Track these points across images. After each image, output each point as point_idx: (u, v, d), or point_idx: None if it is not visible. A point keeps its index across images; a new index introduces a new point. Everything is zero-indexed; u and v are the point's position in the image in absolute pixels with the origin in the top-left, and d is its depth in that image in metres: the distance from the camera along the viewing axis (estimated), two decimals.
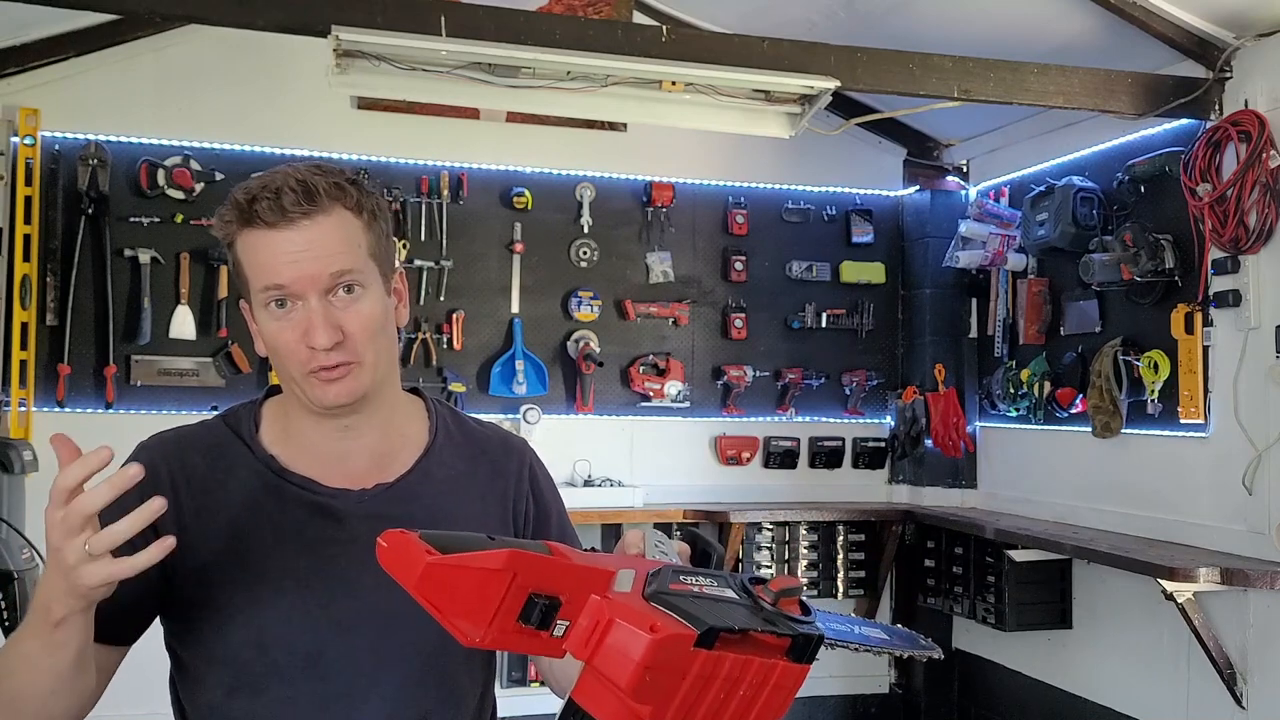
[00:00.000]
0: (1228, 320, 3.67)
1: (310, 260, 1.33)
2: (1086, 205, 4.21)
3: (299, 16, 3.08)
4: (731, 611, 1.01)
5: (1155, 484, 4.00)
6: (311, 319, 1.33)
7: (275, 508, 1.39)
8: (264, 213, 1.32)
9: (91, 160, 4.30)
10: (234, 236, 1.37)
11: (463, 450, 1.53)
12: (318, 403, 1.37)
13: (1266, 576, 3.36)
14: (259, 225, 1.33)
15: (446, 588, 1.00)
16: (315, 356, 1.34)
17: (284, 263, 1.33)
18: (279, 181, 1.34)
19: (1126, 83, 3.71)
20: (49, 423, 4.23)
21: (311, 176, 1.35)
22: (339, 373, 1.35)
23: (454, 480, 1.49)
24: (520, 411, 4.65)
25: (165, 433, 1.46)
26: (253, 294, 1.37)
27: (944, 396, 5.02)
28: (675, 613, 0.98)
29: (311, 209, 1.34)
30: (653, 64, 3.34)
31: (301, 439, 1.44)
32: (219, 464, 1.41)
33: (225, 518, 1.38)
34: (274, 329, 1.35)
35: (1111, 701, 4.19)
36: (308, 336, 1.33)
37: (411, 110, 4.57)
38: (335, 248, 1.34)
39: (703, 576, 1.06)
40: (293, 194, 1.33)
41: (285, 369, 1.37)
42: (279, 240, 1.33)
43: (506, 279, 4.79)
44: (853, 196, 5.25)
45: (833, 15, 4.16)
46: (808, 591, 4.88)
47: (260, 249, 1.34)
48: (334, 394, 1.36)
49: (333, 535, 1.39)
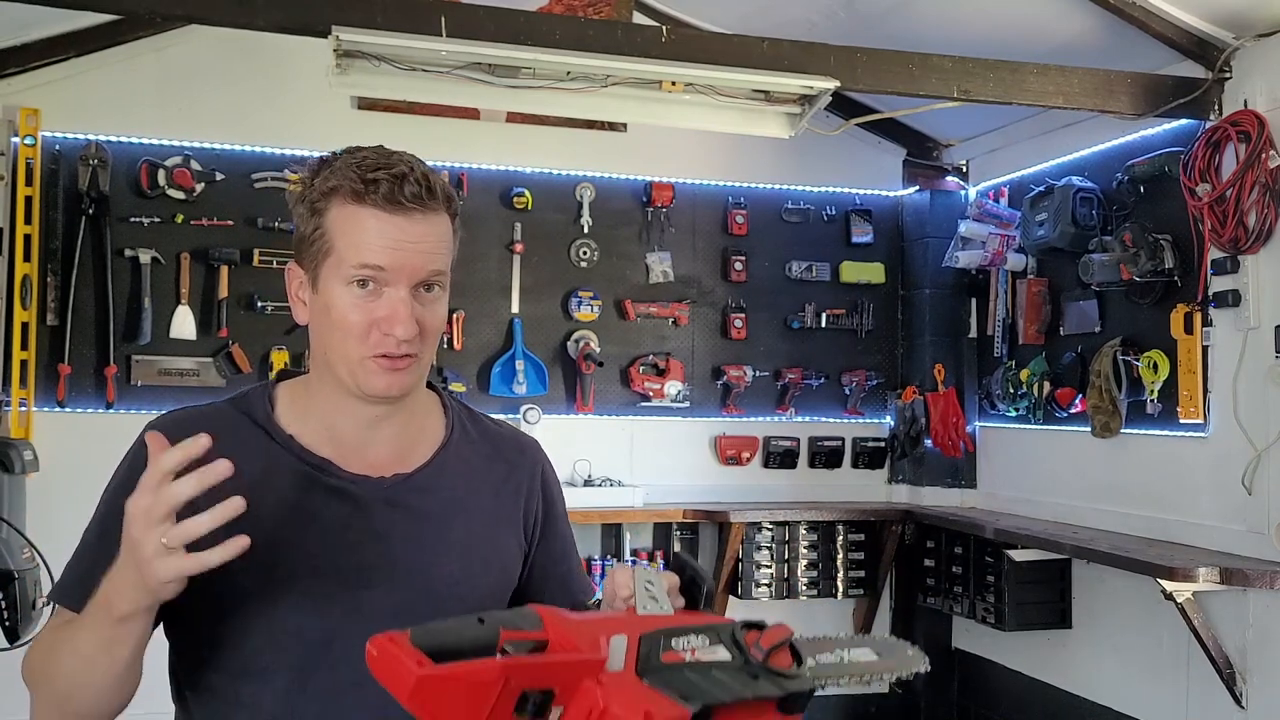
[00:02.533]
0: (1227, 320, 3.67)
1: (415, 253, 1.34)
2: (1086, 205, 4.21)
3: (299, 16, 3.09)
4: (724, 681, 1.04)
5: (1155, 484, 4.00)
6: (399, 308, 1.33)
7: (292, 490, 1.38)
8: (383, 195, 1.32)
9: (92, 160, 4.30)
10: (332, 204, 1.35)
11: (478, 446, 1.53)
12: (368, 389, 1.36)
13: (1266, 576, 3.36)
14: (372, 203, 1.33)
15: (439, 697, 0.99)
16: (385, 343, 1.34)
17: (389, 247, 1.32)
18: (401, 167, 1.34)
19: (1126, 83, 3.71)
20: (49, 423, 4.24)
21: (431, 173, 1.37)
22: (403, 364, 1.35)
23: (469, 475, 1.49)
24: (520, 411, 4.65)
25: (175, 412, 1.44)
26: (336, 266, 1.35)
27: (944, 396, 5.02)
28: (668, 690, 1.00)
29: (430, 204, 1.35)
30: (653, 64, 3.34)
31: (323, 422, 1.42)
32: (232, 443, 1.35)
33: (240, 497, 1.34)
34: (347, 304, 1.34)
35: (1111, 701, 4.19)
36: (387, 323, 1.33)
37: (411, 110, 4.56)
38: (436, 247, 1.36)
39: (694, 635, 1.07)
40: (416, 185, 1.33)
41: (341, 347, 1.36)
42: (391, 225, 1.33)
43: (506, 279, 4.79)
44: (852, 196, 5.25)
45: (833, 15, 4.16)
46: (808, 592, 4.89)
47: (368, 227, 1.33)
48: (388, 384, 1.36)
49: (349, 521, 1.38)
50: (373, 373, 1.35)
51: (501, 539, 1.50)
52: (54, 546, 3.38)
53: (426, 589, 1.39)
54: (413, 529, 1.41)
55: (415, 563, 1.40)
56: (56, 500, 3.95)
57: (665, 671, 1.03)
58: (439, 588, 1.40)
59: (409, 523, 1.41)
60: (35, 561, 3.35)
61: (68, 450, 4.14)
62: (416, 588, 1.39)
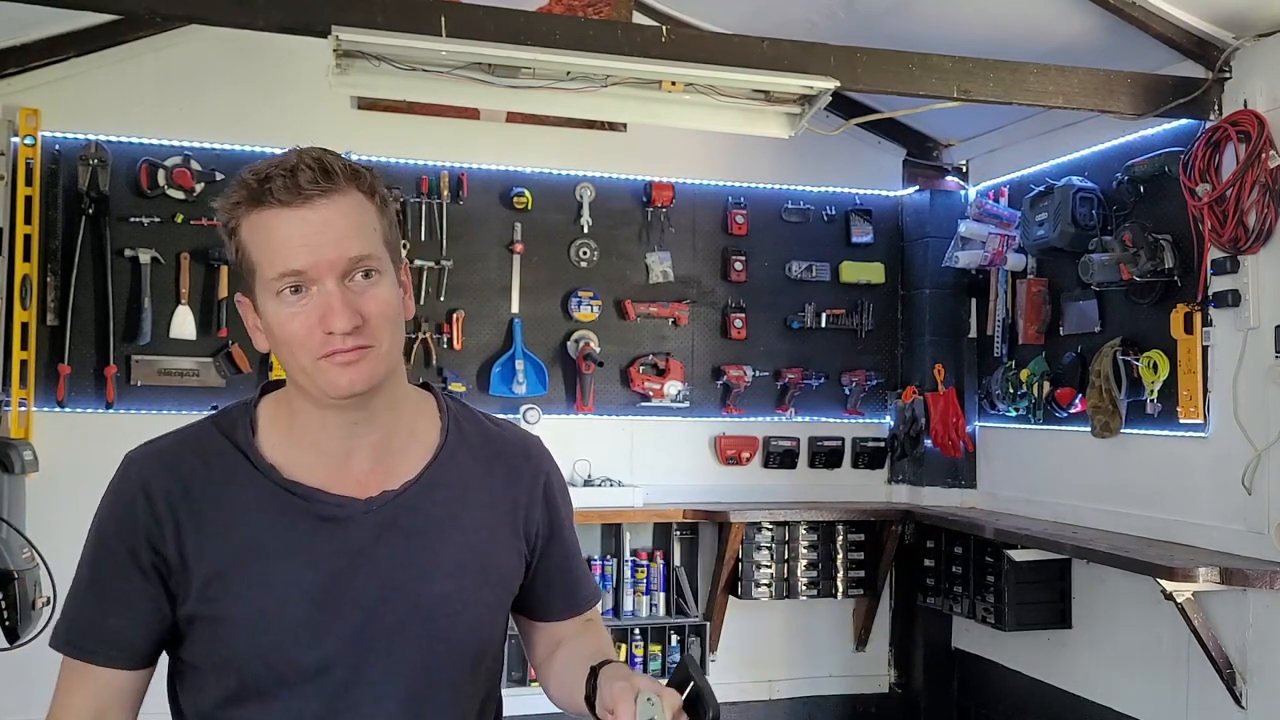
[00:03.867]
0: (1227, 320, 3.67)
1: (328, 243, 1.27)
2: (1086, 205, 4.21)
3: (299, 16, 3.08)
4: None
5: (1155, 484, 4.00)
6: (330, 302, 1.27)
7: (279, 520, 1.35)
8: (278, 190, 1.26)
9: (92, 160, 4.30)
10: (240, 219, 1.30)
11: (477, 451, 1.48)
12: (331, 391, 1.31)
13: (1266, 576, 3.36)
14: (272, 204, 1.27)
15: None
16: (330, 341, 1.28)
17: (300, 245, 1.27)
18: (292, 160, 1.29)
19: (1126, 83, 3.71)
20: (49, 423, 4.24)
21: (325, 155, 1.31)
22: (354, 355, 1.29)
23: (465, 485, 1.44)
24: (520, 411, 4.64)
25: (153, 443, 1.40)
26: (262, 282, 1.30)
27: (943, 396, 5.02)
28: None
29: (329, 187, 1.28)
30: (653, 64, 3.34)
31: (304, 438, 1.38)
32: (215, 474, 1.36)
33: (228, 531, 1.34)
34: (284, 317, 1.29)
35: (1111, 701, 4.19)
36: (325, 321, 1.27)
37: (411, 110, 4.57)
38: (352, 230, 1.29)
39: None
40: (309, 171, 1.28)
41: (295, 359, 1.31)
42: (294, 220, 1.27)
43: (506, 279, 4.79)
44: (852, 196, 5.25)
45: (833, 15, 4.16)
46: (808, 592, 4.89)
47: (274, 229, 1.27)
48: (349, 379, 1.30)
49: (339, 547, 1.35)
50: (329, 374, 1.30)
51: (499, 551, 1.46)
52: (54, 547, 3.38)
53: (418, 609, 1.37)
54: (402, 549, 1.38)
55: (405, 583, 1.37)
56: (56, 500, 3.95)
57: None
58: (432, 607, 1.37)
59: (398, 542, 1.38)
60: (35, 561, 3.35)
61: (68, 450, 4.15)
62: (408, 609, 1.36)
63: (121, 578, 1.33)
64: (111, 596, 1.33)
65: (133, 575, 1.33)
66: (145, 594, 1.33)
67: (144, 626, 1.34)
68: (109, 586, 1.33)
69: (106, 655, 1.33)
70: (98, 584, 1.34)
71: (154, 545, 1.33)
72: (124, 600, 1.33)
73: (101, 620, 1.33)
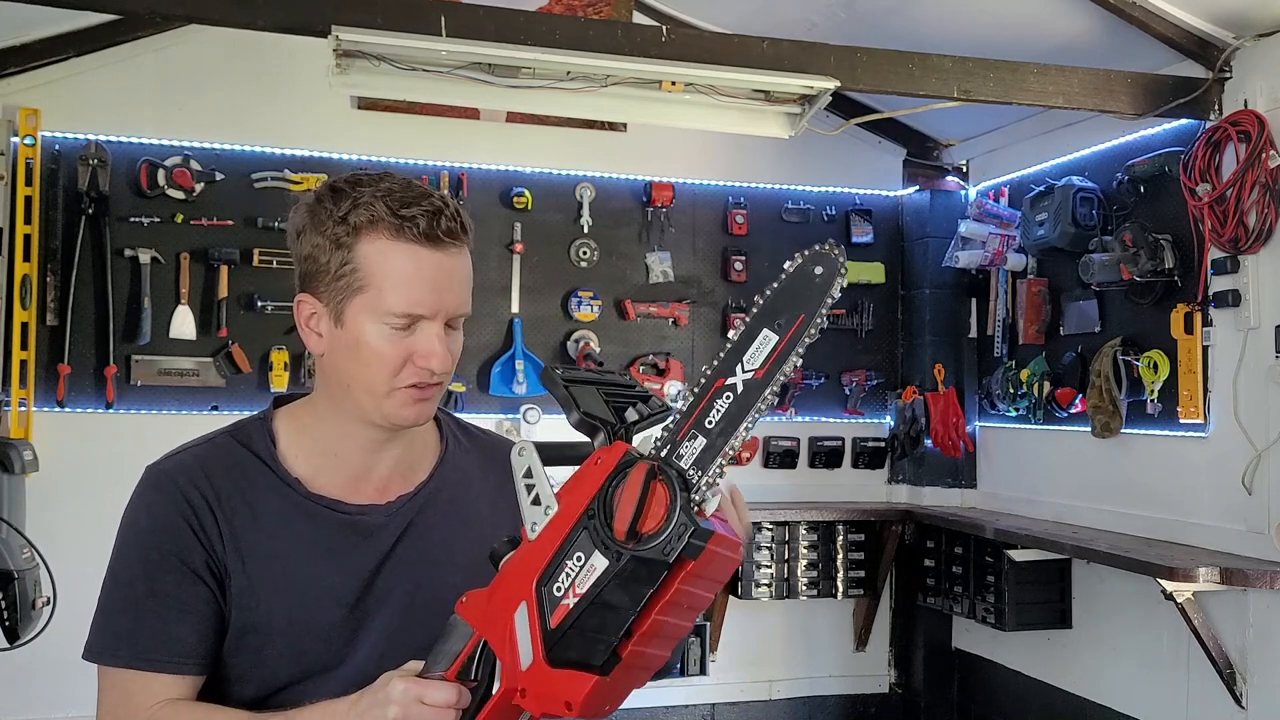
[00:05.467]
0: (1227, 320, 3.67)
1: (451, 293, 1.34)
2: (1086, 205, 4.21)
3: (299, 16, 3.08)
4: (614, 606, 1.09)
5: (1155, 484, 4.00)
6: (435, 345, 1.33)
7: (308, 531, 1.39)
8: (422, 228, 1.30)
9: (91, 160, 4.30)
10: (366, 237, 1.31)
11: (472, 456, 1.55)
12: (395, 419, 1.37)
13: (1266, 576, 3.36)
14: (410, 239, 1.30)
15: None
16: (419, 374, 1.34)
17: (429, 290, 1.32)
18: (436, 201, 1.32)
19: (1126, 83, 3.71)
20: (49, 423, 4.23)
21: (458, 205, 1.36)
22: (430, 393, 1.37)
23: (467, 484, 1.52)
24: (520, 411, 4.65)
25: (178, 455, 1.43)
26: (373, 305, 1.32)
27: (943, 396, 5.02)
28: (576, 664, 1.10)
29: (462, 239, 1.35)
30: (653, 64, 3.34)
31: (328, 451, 1.43)
32: (243, 485, 1.40)
33: (257, 541, 1.38)
34: (383, 339, 1.32)
35: (1111, 701, 4.19)
36: (423, 358, 1.33)
37: (411, 110, 4.57)
38: (466, 284, 1.37)
39: (569, 562, 1.11)
40: (449, 221, 1.32)
41: (367, 380, 1.35)
42: (430, 262, 1.31)
43: (506, 279, 4.79)
44: (852, 196, 5.25)
45: (833, 15, 4.16)
46: (808, 592, 4.89)
47: (407, 267, 1.31)
48: (417, 414, 1.37)
49: (367, 553, 1.41)
50: (402, 404, 1.36)
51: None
52: (54, 547, 3.39)
53: (434, 602, 1.40)
54: (419, 546, 1.44)
55: (424, 579, 1.43)
56: (56, 500, 3.97)
57: (564, 643, 1.10)
58: (448, 599, 1.40)
59: (416, 540, 1.44)
60: (35, 561, 3.35)
61: (67, 450, 4.15)
62: (426, 602, 1.41)
63: (180, 586, 1.35)
64: (174, 606, 1.35)
65: (192, 582, 1.35)
66: (205, 598, 1.36)
67: (209, 631, 1.36)
68: (169, 596, 1.35)
69: (176, 665, 1.35)
70: (156, 595, 1.35)
71: (206, 549, 1.36)
72: (187, 608, 1.35)
73: (167, 629, 1.34)
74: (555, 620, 1.10)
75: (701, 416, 1.13)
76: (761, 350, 1.16)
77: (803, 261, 1.20)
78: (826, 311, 1.19)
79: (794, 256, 1.20)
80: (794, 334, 1.18)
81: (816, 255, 1.19)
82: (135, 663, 1.35)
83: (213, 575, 1.36)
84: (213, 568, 1.36)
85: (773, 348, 1.16)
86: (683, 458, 1.12)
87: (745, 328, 1.17)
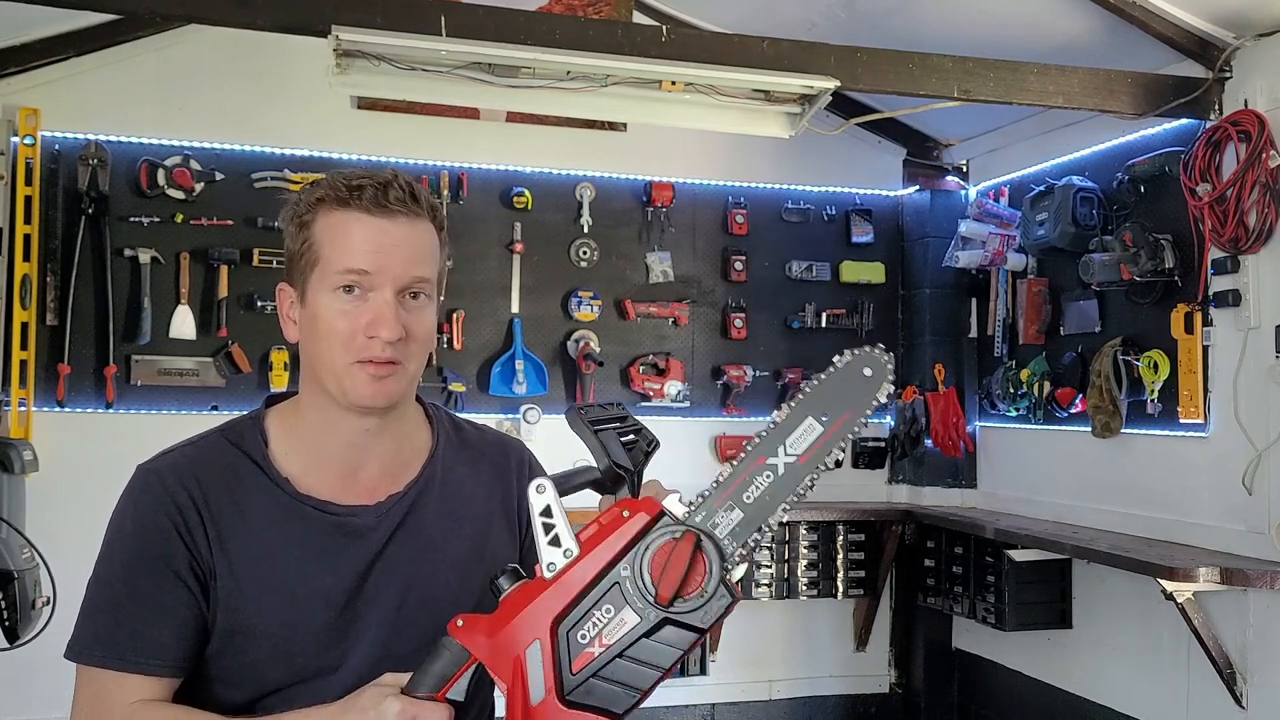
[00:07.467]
0: (1227, 320, 3.67)
1: (398, 257, 1.35)
2: (1086, 205, 4.21)
3: (299, 16, 3.08)
4: (643, 662, 1.12)
5: (1155, 484, 4.00)
6: (383, 310, 1.34)
7: (298, 532, 1.39)
8: (367, 198, 1.35)
9: (91, 160, 4.30)
10: (319, 214, 1.37)
11: (463, 454, 1.55)
12: (355, 397, 1.37)
13: (1266, 576, 3.36)
14: (357, 208, 1.35)
15: None
16: (370, 347, 1.34)
17: (372, 250, 1.34)
18: (386, 176, 1.37)
19: (1126, 83, 3.71)
20: (49, 423, 4.23)
21: (414, 183, 1.39)
22: (386, 370, 1.36)
23: (459, 484, 1.52)
24: (520, 411, 4.65)
25: (168, 454, 1.43)
26: (323, 276, 1.36)
27: (944, 396, 5.02)
28: (593, 709, 1.11)
29: (414, 209, 1.37)
30: (653, 64, 3.34)
31: (315, 448, 1.43)
32: (232, 486, 1.40)
33: (247, 543, 1.38)
34: (334, 312, 1.35)
35: (1111, 701, 4.19)
36: (373, 326, 1.34)
37: (411, 110, 4.57)
38: (420, 253, 1.38)
39: (597, 612, 1.13)
40: (399, 191, 1.36)
41: (328, 357, 1.37)
42: (373, 227, 1.35)
43: (506, 279, 4.79)
44: (852, 196, 5.25)
45: (833, 15, 4.16)
46: (808, 592, 4.89)
47: (352, 230, 1.35)
48: (373, 392, 1.37)
49: (357, 555, 1.41)
50: (359, 381, 1.36)
51: (494, 540, 1.53)
52: (54, 547, 3.38)
53: (426, 601, 1.42)
54: (410, 546, 1.44)
55: (415, 579, 1.43)
56: (56, 500, 3.96)
57: (585, 688, 1.12)
58: (440, 599, 1.42)
59: (407, 540, 1.44)
60: (35, 561, 3.35)
61: (67, 450, 4.15)
62: (417, 602, 1.42)
63: (160, 588, 1.35)
64: (152, 608, 1.35)
65: (172, 584, 1.35)
66: (186, 601, 1.36)
67: (188, 634, 1.36)
68: (148, 598, 1.35)
69: (151, 666, 1.35)
70: (135, 596, 1.35)
71: (190, 551, 1.36)
72: (166, 610, 1.35)
73: (144, 631, 1.34)
74: (577, 665, 1.13)
75: (740, 490, 1.18)
76: (806, 437, 1.19)
77: (853, 360, 1.23)
78: (871, 414, 1.22)
79: (843, 352, 1.24)
80: (838, 429, 1.20)
81: (868, 357, 1.23)
82: (110, 663, 1.35)
83: (196, 578, 1.36)
84: (196, 570, 1.36)
85: (816, 437, 1.19)
86: (718, 526, 1.16)
87: (791, 411, 1.21)
